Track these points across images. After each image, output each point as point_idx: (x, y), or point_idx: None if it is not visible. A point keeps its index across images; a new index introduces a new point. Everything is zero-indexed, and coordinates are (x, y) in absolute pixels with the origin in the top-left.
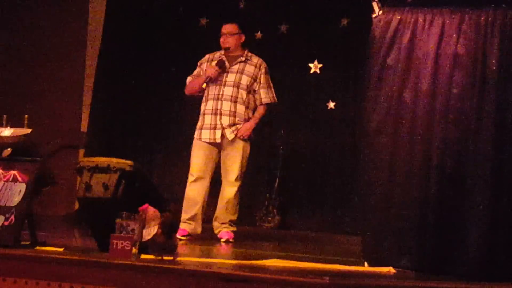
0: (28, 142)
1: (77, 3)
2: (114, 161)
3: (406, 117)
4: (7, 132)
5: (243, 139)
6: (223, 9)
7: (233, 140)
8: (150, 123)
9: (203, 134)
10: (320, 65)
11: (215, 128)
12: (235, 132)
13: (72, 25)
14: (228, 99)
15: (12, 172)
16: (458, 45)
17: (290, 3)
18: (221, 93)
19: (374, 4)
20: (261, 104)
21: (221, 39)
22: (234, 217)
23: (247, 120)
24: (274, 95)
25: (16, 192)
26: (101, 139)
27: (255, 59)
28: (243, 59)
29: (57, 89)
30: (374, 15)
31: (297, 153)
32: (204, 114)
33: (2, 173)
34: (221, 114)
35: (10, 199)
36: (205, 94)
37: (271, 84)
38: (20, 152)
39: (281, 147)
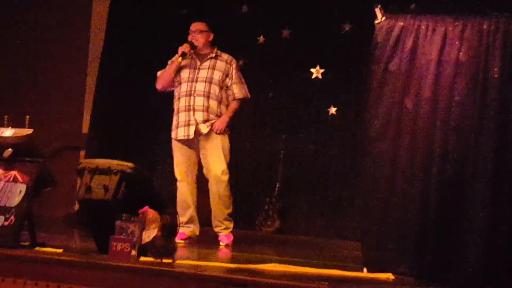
0: (29, 143)
1: (80, 5)
2: (114, 163)
3: (407, 123)
4: (8, 132)
5: (219, 133)
6: (226, 13)
7: (209, 135)
8: (151, 125)
9: (179, 132)
10: (322, 70)
11: (189, 125)
12: (209, 127)
13: (74, 27)
14: (201, 94)
15: (13, 172)
16: (460, 53)
17: (293, 8)
18: (193, 89)
19: (377, 11)
20: (235, 99)
21: (189, 37)
22: (230, 210)
23: (219, 115)
24: (247, 91)
25: (16, 193)
26: (102, 140)
27: (225, 56)
28: (213, 55)
29: (59, 90)
30: (376, 21)
31: (297, 158)
32: (178, 112)
33: (3, 173)
34: (194, 110)
35: (10, 200)
36: (176, 92)
37: (243, 80)
38: (21, 153)
39: (281, 152)
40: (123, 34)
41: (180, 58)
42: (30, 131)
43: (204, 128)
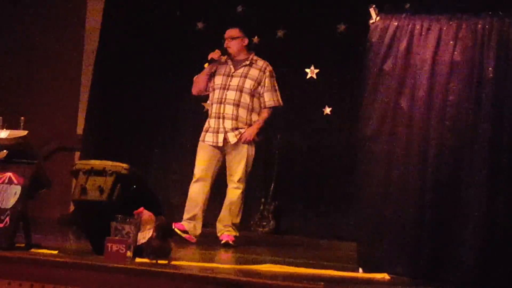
0: (24, 144)
1: (75, 6)
2: (109, 164)
3: (402, 123)
4: (3, 134)
5: (247, 143)
6: (220, 13)
7: (236, 144)
8: (146, 126)
9: (207, 137)
10: (317, 70)
11: (218, 132)
12: (238, 136)
13: (69, 28)
14: (231, 102)
15: (8, 174)
16: (455, 52)
17: (288, 8)
18: (224, 97)
19: (372, 10)
20: (265, 107)
21: (224, 44)
22: (236, 220)
23: (249, 124)
24: (279, 99)
25: (12, 194)
26: (97, 142)
27: (260, 63)
28: (247, 62)
29: (53, 91)
30: (371, 21)
31: (292, 158)
32: (209, 118)
33: None
34: (224, 118)
35: (5, 201)
36: (211, 98)
37: (277, 88)
38: (16, 154)
39: (276, 152)
40: (117, 34)
41: (207, 64)
42: (25, 132)
43: (232, 138)
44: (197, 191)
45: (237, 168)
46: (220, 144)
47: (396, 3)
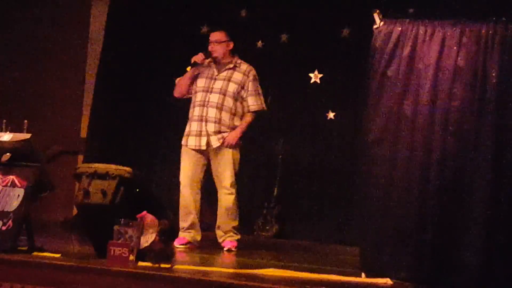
0: (28, 147)
1: (79, 10)
2: (113, 168)
3: (405, 128)
4: (6, 137)
5: (230, 148)
6: (224, 18)
7: (220, 148)
8: (149, 130)
9: (190, 141)
10: (320, 75)
11: (200, 135)
12: (220, 141)
13: (73, 31)
14: (214, 106)
15: (11, 177)
16: (459, 58)
17: (292, 12)
18: (207, 99)
19: (375, 15)
20: (249, 111)
21: (209, 47)
22: (235, 223)
23: (232, 128)
24: (263, 103)
25: (15, 197)
26: (100, 145)
27: (244, 66)
28: (231, 66)
29: (57, 95)
30: (375, 26)
31: (295, 162)
32: (191, 121)
33: (1, 178)
34: (206, 121)
35: (8, 204)
36: (193, 100)
37: (260, 91)
38: (19, 157)
39: (279, 156)
40: (121, 38)
41: (189, 67)
42: (28, 135)
43: (215, 141)
44: (187, 199)
45: (225, 173)
46: (204, 148)
47: (400, 8)
